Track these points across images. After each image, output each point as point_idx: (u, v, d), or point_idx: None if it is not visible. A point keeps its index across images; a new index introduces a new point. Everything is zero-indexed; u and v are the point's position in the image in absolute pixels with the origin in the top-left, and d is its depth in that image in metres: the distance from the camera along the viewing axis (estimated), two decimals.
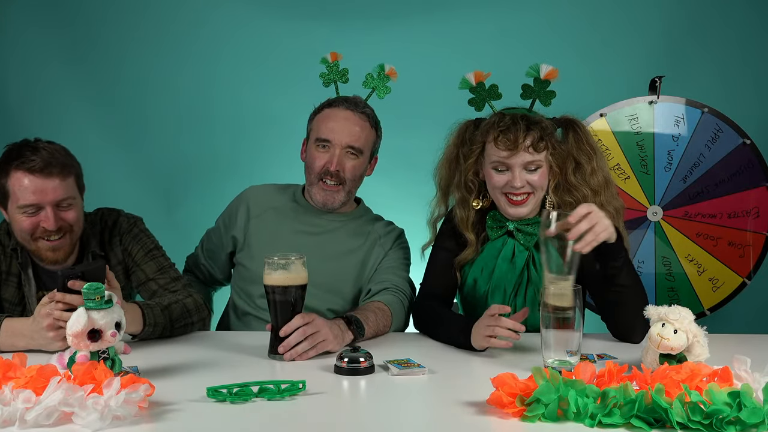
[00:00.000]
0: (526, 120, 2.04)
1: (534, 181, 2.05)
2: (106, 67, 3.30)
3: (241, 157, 3.30)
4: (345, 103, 2.30)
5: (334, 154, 2.25)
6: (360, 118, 2.29)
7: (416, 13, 3.28)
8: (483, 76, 2.17)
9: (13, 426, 1.31)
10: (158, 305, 1.99)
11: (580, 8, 3.24)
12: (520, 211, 2.08)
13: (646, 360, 1.64)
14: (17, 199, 1.98)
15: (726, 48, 3.16)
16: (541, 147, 2.03)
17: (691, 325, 1.61)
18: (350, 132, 2.26)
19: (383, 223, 2.40)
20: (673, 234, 2.74)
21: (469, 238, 2.15)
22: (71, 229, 2.04)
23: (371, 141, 2.33)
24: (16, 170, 1.97)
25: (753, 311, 2.99)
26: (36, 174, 1.96)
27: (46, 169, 1.96)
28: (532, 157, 2.03)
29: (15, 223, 2.02)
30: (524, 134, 2.01)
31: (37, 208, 1.98)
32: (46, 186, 1.97)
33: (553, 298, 1.66)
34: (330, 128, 2.26)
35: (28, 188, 1.96)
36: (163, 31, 3.32)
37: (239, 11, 3.30)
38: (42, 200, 1.98)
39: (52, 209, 1.98)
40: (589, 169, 2.09)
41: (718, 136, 2.71)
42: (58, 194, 1.99)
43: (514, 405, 1.38)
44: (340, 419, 1.45)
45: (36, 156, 1.97)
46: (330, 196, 2.29)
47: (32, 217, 1.99)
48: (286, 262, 1.85)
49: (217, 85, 3.32)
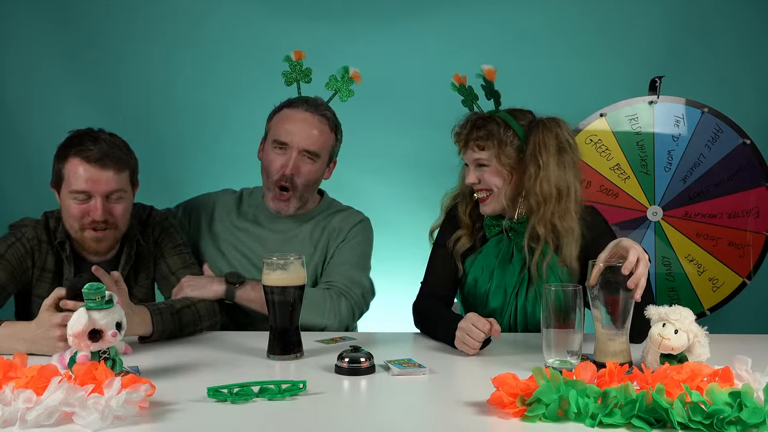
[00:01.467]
0: (478, 118, 2.10)
1: (484, 179, 2.09)
2: (105, 65, 3.30)
3: (240, 156, 3.29)
4: (305, 104, 2.27)
5: (291, 157, 2.23)
6: (319, 121, 2.25)
7: (416, 13, 3.28)
8: (461, 78, 2.21)
9: (14, 426, 1.31)
10: (168, 309, 1.99)
11: (581, 8, 3.24)
12: (485, 208, 2.12)
13: (647, 360, 1.64)
14: (70, 184, 2.02)
15: (726, 48, 3.16)
16: (485, 146, 2.07)
17: (692, 325, 1.61)
18: (308, 135, 2.23)
19: (342, 215, 2.35)
20: (673, 234, 2.74)
21: (465, 222, 2.17)
22: (117, 224, 2.06)
23: (330, 144, 2.29)
24: (74, 157, 2.01)
25: (753, 311, 2.99)
26: (92, 163, 2.00)
27: (102, 161, 2.00)
28: (477, 155, 2.08)
29: (65, 207, 2.06)
30: (468, 132, 2.09)
31: (88, 197, 2.02)
32: (99, 176, 2.00)
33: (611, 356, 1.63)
34: (287, 130, 2.24)
35: (81, 176, 2.00)
36: (162, 30, 3.32)
37: (239, 10, 3.30)
38: (93, 189, 2.01)
39: (102, 200, 2.02)
40: (535, 176, 2.01)
41: (718, 136, 2.71)
42: (110, 186, 2.02)
43: (514, 405, 1.38)
44: (340, 419, 1.44)
45: (95, 146, 2.01)
46: (283, 205, 2.28)
47: (81, 204, 2.02)
48: (284, 262, 1.84)
49: (216, 84, 3.32)
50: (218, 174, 3.29)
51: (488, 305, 2.14)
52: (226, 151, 3.34)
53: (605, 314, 1.63)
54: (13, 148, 3.26)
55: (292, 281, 1.84)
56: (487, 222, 2.17)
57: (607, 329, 1.64)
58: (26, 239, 2.08)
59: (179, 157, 3.35)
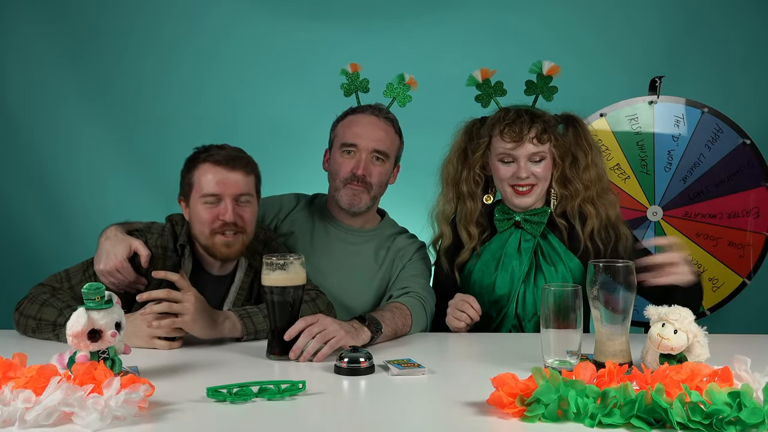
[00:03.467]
0: (530, 114, 2.17)
1: (538, 172, 2.17)
2: (103, 64, 3.31)
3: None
4: (369, 109, 2.31)
5: (361, 159, 2.25)
6: (385, 123, 2.29)
7: (416, 14, 3.28)
8: (489, 73, 2.27)
9: (13, 426, 1.31)
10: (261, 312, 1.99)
11: (581, 8, 3.25)
12: (525, 200, 2.19)
13: (646, 360, 1.64)
14: (200, 189, 2.04)
15: (726, 48, 3.16)
16: (544, 139, 2.15)
17: (692, 325, 1.60)
18: (376, 136, 2.26)
19: (405, 236, 2.39)
20: (673, 234, 2.74)
21: (471, 232, 2.25)
22: (245, 228, 2.07)
23: (396, 146, 2.33)
24: (203, 162, 2.05)
25: (753, 311, 3.00)
26: (221, 166, 2.03)
27: (231, 162, 2.03)
28: (536, 149, 2.15)
29: (195, 214, 2.07)
30: (528, 126, 2.14)
31: (218, 200, 2.03)
32: (228, 178, 2.03)
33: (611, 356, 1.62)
34: (355, 133, 2.26)
35: (212, 179, 2.03)
36: (160, 29, 3.32)
37: (237, 9, 3.31)
38: (223, 191, 2.03)
39: (232, 202, 2.03)
40: (584, 164, 2.19)
41: (718, 136, 2.71)
42: (239, 187, 2.04)
43: (514, 405, 1.37)
44: (340, 419, 1.44)
45: (222, 150, 2.06)
46: (357, 196, 2.27)
47: (212, 208, 2.04)
48: (284, 262, 1.84)
49: (215, 83, 3.33)
50: None
51: (495, 292, 2.18)
52: None
53: (605, 314, 1.63)
54: (13, 148, 3.26)
55: (292, 281, 1.85)
56: (498, 217, 2.25)
57: (607, 329, 1.64)
58: (150, 246, 2.08)
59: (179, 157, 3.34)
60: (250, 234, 2.10)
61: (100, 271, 2.03)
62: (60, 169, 3.31)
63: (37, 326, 1.95)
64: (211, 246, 2.07)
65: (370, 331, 1.90)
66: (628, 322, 1.65)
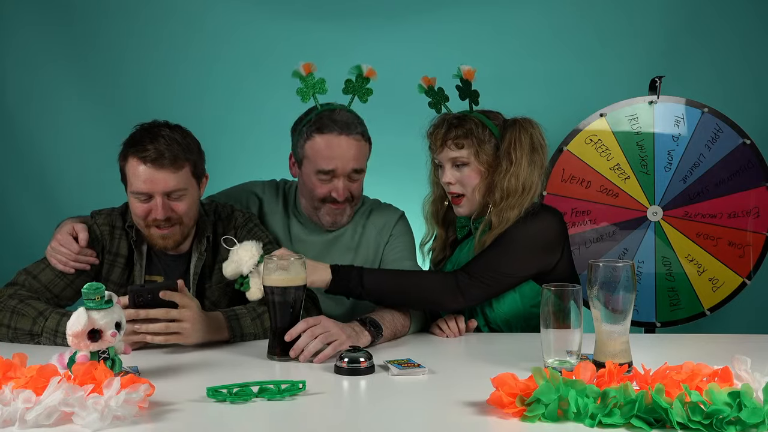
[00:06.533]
0: (457, 118, 2.15)
1: (461, 178, 2.14)
2: (104, 65, 3.30)
3: (239, 156, 3.29)
4: (336, 128, 2.17)
5: (339, 184, 2.19)
6: (356, 140, 2.19)
7: (415, 13, 3.28)
8: (431, 80, 2.26)
9: (13, 426, 1.31)
10: (250, 314, 2.00)
11: (580, 8, 3.24)
12: (459, 210, 2.20)
13: None
14: (131, 184, 2.03)
15: (726, 48, 3.16)
16: (462, 144, 2.13)
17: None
18: (351, 156, 2.18)
19: (379, 210, 2.35)
20: (673, 234, 2.74)
21: (438, 233, 2.31)
22: (181, 220, 2.06)
23: (367, 154, 2.27)
24: (132, 157, 2.01)
25: (753, 311, 2.99)
26: (148, 164, 1.99)
27: (158, 161, 1.99)
28: (455, 153, 2.13)
29: (130, 206, 2.08)
30: (446, 131, 2.14)
31: (149, 197, 2.02)
32: (156, 177, 2.00)
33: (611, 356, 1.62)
34: (330, 158, 2.17)
35: (140, 177, 2.00)
36: (162, 30, 3.31)
37: (238, 10, 3.30)
38: (152, 190, 2.01)
39: (162, 199, 2.01)
40: (506, 171, 2.10)
41: (718, 136, 2.71)
42: (168, 185, 2.01)
43: (514, 405, 1.37)
44: (340, 419, 1.45)
45: (151, 146, 1.99)
46: (339, 215, 2.25)
47: (144, 204, 2.03)
48: (285, 262, 1.84)
49: (216, 83, 3.32)
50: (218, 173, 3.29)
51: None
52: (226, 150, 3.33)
53: (605, 314, 1.63)
54: (13, 148, 3.26)
55: (293, 282, 1.84)
56: (459, 223, 2.26)
57: (607, 329, 1.64)
58: (97, 225, 2.12)
59: None
60: (188, 222, 2.09)
61: (47, 253, 2.07)
62: (60, 169, 3.30)
63: (14, 335, 1.94)
64: (148, 236, 2.09)
65: (370, 334, 1.91)
66: (628, 322, 1.65)
